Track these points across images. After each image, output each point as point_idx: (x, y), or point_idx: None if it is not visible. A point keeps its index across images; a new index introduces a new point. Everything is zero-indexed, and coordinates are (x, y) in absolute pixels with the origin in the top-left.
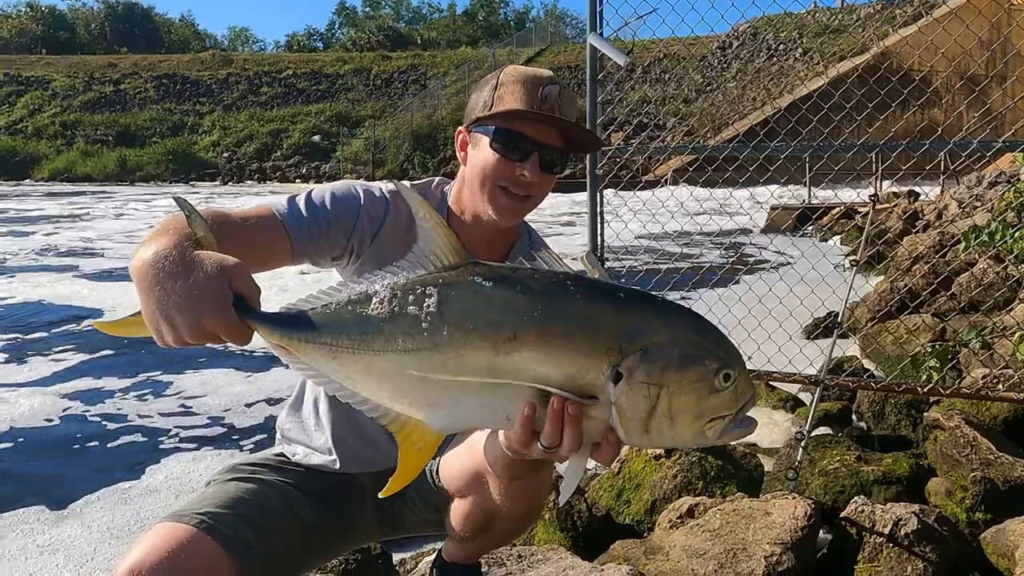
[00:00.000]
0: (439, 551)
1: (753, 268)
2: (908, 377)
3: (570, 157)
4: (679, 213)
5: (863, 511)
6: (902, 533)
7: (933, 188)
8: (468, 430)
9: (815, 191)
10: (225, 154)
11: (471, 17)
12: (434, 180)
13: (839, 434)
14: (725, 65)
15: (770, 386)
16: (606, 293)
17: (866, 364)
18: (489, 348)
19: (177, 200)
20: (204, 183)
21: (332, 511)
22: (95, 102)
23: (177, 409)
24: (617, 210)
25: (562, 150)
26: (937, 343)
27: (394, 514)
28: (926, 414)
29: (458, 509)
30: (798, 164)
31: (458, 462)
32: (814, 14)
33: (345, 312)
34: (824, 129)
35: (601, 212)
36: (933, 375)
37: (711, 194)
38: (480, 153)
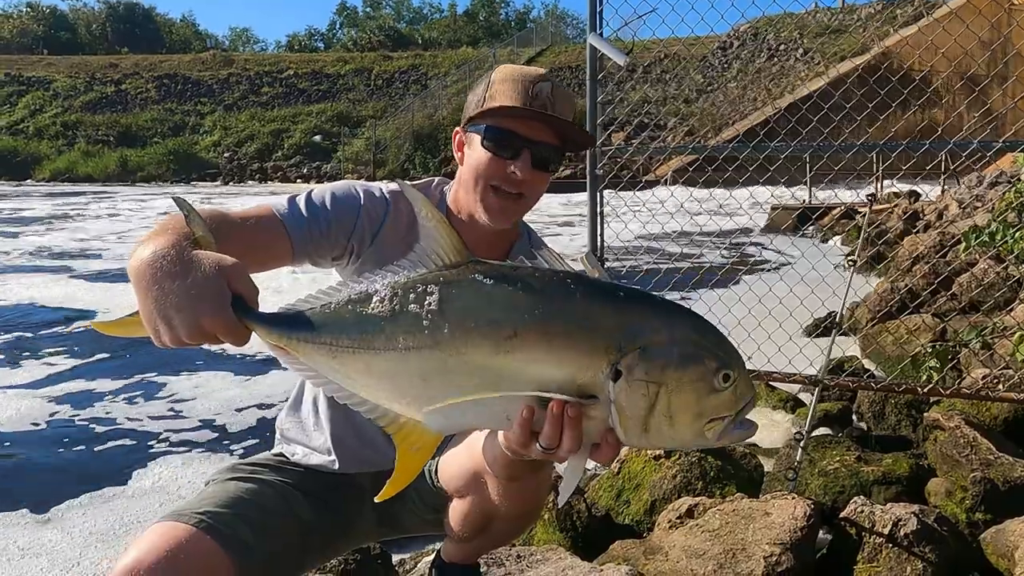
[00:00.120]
0: (438, 551)
1: (753, 268)
2: (908, 377)
3: (565, 155)
4: (679, 213)
5: (863, 511)
6: (902, 533)
7: (934, 188)
8: (467, 431)
9: (816, 191)
10: (226, 154)
11: (472, 17)
12: (434, 180)
13: (839, 434)
14: (726, 65)
15: (770, 386)
16: (606, 292)
17: (866, 364)
18: (490, 346)
19: (176, 200)
20: (205, 183)
21: (331, 511)
22: (96, 102)
23: (167, 413)
24: (617, 210)
25: (556, 148)
26: (937, 343)
27: (393, 514)
28: (926, 414)
29: (457, 509)
30: (798, 164)
31: (457, 462)
32: (815, 14)
33: (345, 311)
34: (824, 129)
35: (601, 212)
36: (933, 375)
37: (711, 194)
38: (473, 152)
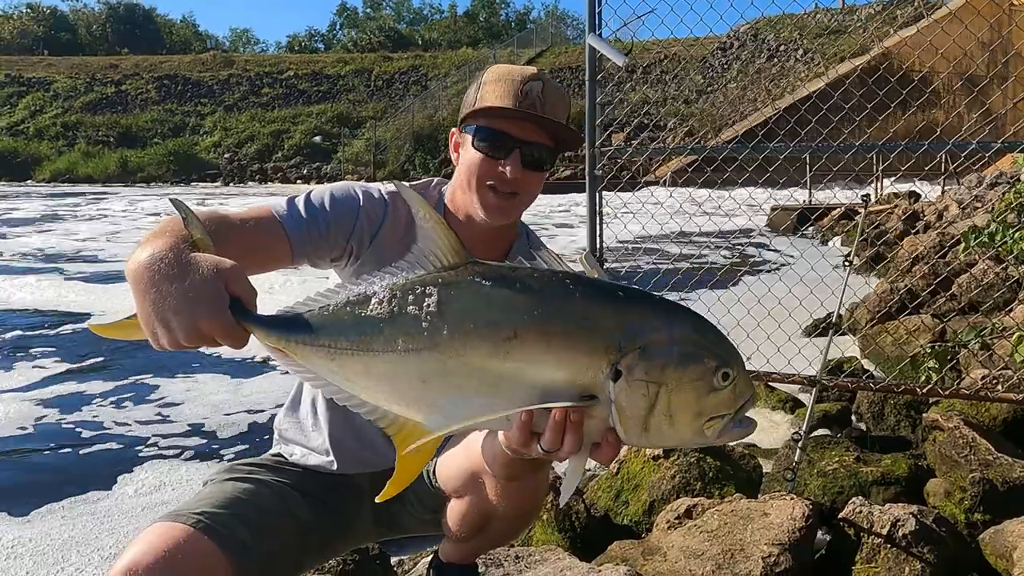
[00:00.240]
0: (435, 552)
1: (752, 269)
2: (907, 378)
3: (559, 153)
4: (678, 214)
5: (861, 512)
6: (900, 534)
7: (933, 188)
8: (467, 432)
9: (815, 192)
10: (226, 155)
11: (472, 18)
12: (432, 180)
13: (838, 435)
14: (726, 66)
15: (769, 387)
16: (605, 292)
17: (866, 365)
18: (489, 347)
19: (173, 202)
20: (205, 184)
21: (329, 511)
22: (96, 103)
23: (154, 417)
24: (616, 211)
25: (547, 147)
26: (936, 344)
27: (391, 515)
28: (925, 415)
29: (455, 509)
30: (797, 165)
31: (455, 463)
32: (814, 15)
33: (343, 313)
34: (824, 130)
35: (600, 213)
36: (932, 376)
37: (710, 195)
38: (467, 153)
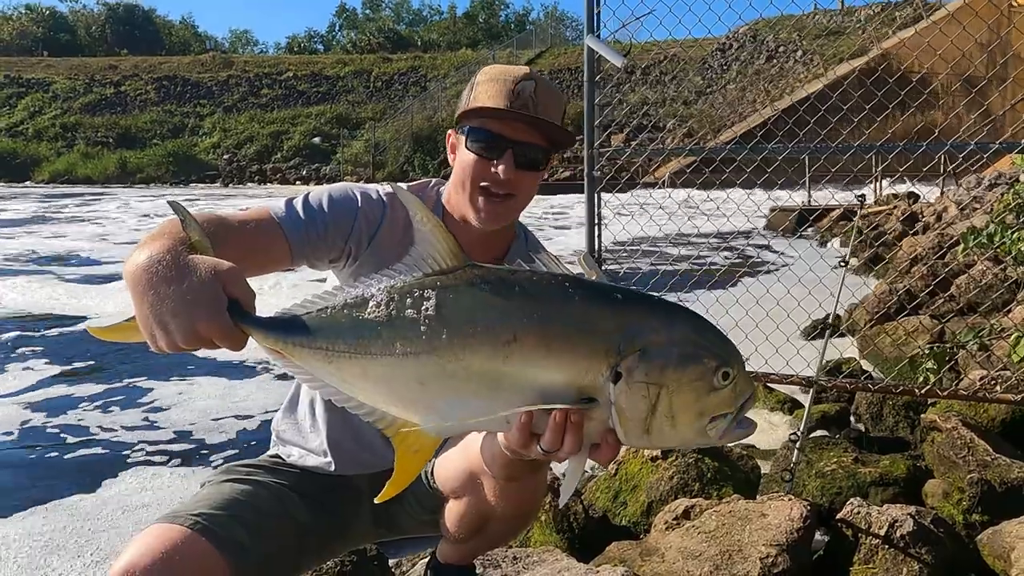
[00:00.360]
0: (433, 552)
1: (751, 270)
2: (906, 379)
3: (553, 153)
4: (676, 215)
5: (859, 512)
6: (898, 535)
7: (931, 189)
8: (466, 433)
9: (814, 193)
10: (225, 156)
11: (471, 19)
12: (430, 182)
13: (837, 436)
14: (725, 67)
15: (768, 388)
16: (604, 294)
17: (864, 366)
18: (488, 351)
19: (172, 204)
20: (204, 185)
21: (327, 512)
22: (96, 104)
23: (141, 423)
24: (615, 212)
25: (541, 147)
26: (935, 345)
27: (390, 516)
28: (924, 416)
29: (453, 510)
30: (795, 166)
31: (453, 464)
32: (813, 16)
33: (341, 316)
34: (822, 131)
35: (599, 214)
36: (930, 377)
37: (708, 196)
38: (461, 154)
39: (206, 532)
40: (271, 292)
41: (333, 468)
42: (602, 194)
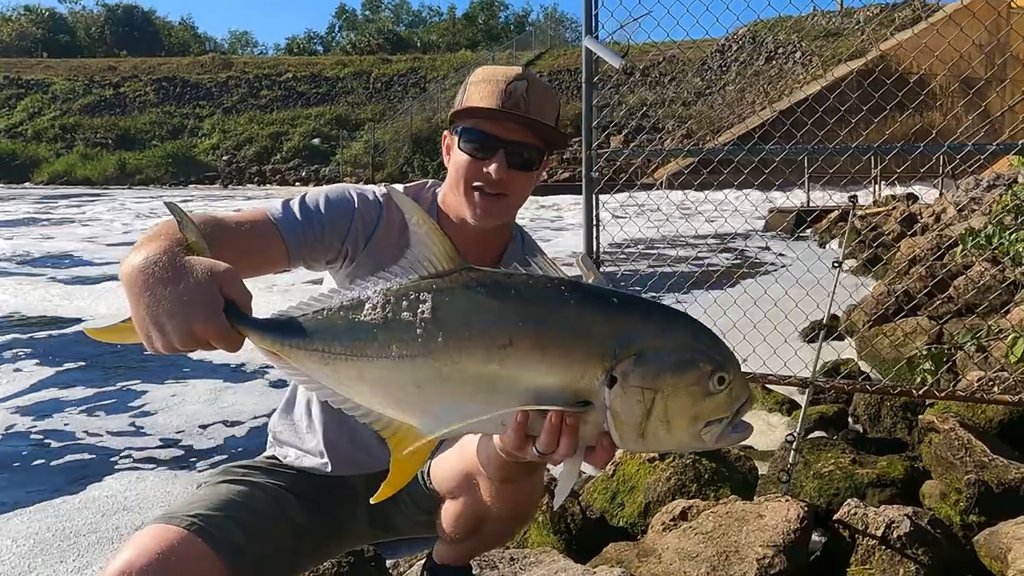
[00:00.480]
0: (430, 553)
1: (749, 271)
2: (904, 380)
3: (547, 153)
4: (674, 216)
5: (856, 513)
6: (895, 536)
7: (929, 190)
8: (461, 435)
9: (813, 194)
10: (225, 157)
11: (471, 20)
12: (427, 183)
13: (834, 437)
14: (724, 68)
15: (766, 389)
16: (600, 298)
17: (862, 367)
18: (484, 354)
19: (168, 205)
20: (203, 186)
21: (324, 513)
22: (95, 105)
23: (127, 427)
24: (613, 213)
25: (534, 147)
26: (933, 346)
27: (386, 516)
28: (921, 417)
29: (449, 511)
30: (794, 167)
31: (449, 464)
32: (812, 17)
33: (337, 318)
34: (820, 133)
35: (597, 215)
36: (928, 378)
37: (707, 197)
38: (455, 154)
39: (202, 533)
40: (265, 293)
41: (329, 469)
42: (600, 195)
